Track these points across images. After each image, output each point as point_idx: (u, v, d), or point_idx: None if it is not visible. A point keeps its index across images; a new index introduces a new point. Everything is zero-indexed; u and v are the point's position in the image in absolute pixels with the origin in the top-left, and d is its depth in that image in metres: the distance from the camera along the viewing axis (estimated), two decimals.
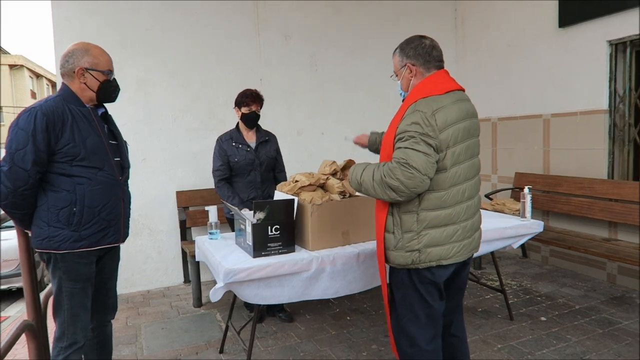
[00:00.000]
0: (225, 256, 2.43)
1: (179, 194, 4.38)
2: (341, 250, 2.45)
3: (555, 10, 4.36)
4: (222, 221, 3.30)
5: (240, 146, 3.32)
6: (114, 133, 2.23)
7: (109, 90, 2.14)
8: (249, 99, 3.31)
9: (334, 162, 2.75)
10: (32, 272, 2.22)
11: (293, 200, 2.43)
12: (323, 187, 2.68)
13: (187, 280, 4.44)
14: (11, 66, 26.16)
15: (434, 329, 1.98)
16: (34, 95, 27.87)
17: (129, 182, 2.31)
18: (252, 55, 4.67)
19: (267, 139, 3.44)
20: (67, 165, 1.98)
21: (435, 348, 1.99)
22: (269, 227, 2.37)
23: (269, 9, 4.69)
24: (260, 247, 2.36)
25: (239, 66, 4.61)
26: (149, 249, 4.36)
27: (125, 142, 2.32)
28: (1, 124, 24.64)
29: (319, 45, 4.95)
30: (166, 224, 4.41)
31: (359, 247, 2.52)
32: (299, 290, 2.33)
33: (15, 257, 6.03)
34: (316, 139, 4.98)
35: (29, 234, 2.11)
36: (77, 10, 3.98)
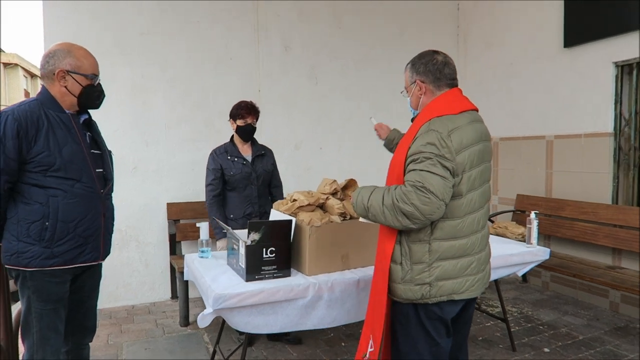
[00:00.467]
0: (216, 278, 2.27)
1: (169, 205, 4.21)
2: (340, 276, 2.30)
3: (560, 30, 4.28)
4: (213, 236, 3.15)
5: (236, 159, 3.18)
6: (97, 142, 2.07)
7: (92, 95, 1.98)
8: (244, 111, 3.17)
9: (335, 181, 2.60)
10: (3, 289, 2.05)
11: (290, 221, 2.28)
12: (322, 207, 2.53)
13: (174, 296, 4.25)
14: (5, 64, 25.87)
15: None
16: (27, 94, 27.54)
17: (114, 195, 2.15)
18: (251, 65, 4.54)
19: (263, 153, 3.30)
20: (41, 176, 1.82)
21: None
22: (263, 249, 2.21)
23: (269, 18, 4.58)
24: (253, 270, 2.20)
25: (237, 76, 4.48)
26: (135, 262, 4.17)
27: (110, 152, 2.16)
28: None
29: (319, 57, 4.83)
30: (155, 237, 4.23)
31: (358, 272, 2.37)
32: (294, 319, 2.17)
33: None
34: (315, 153, 4.85)
35: None
36: (70, 10, 3.83)
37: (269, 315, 2.14)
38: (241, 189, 3.20)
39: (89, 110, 2.10)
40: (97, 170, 1.99)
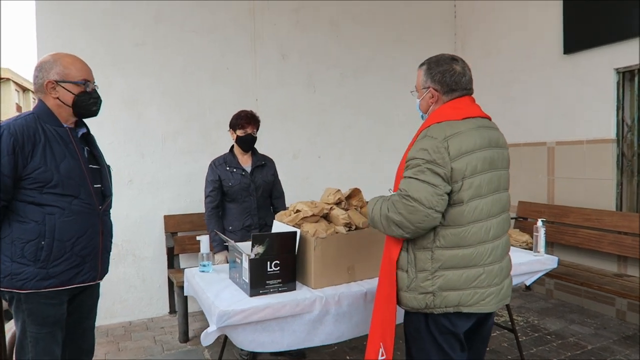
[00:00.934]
0: (218, 293, 2.18)
1: (167, 218, 4.11)
2: (347, 289, 2.22)
3: (559, 37, 4.26)
4: (211, 249, 3.06)
5: (234, 170, 3.10)
6: (95, 156, 1.99)
7: (86, 103, 1.88)
8: (244, 121, 3.11)
9: (339, 191, 2.54)
10: None
11: (295, 233, 2.20)
12: (326, 217, 2.46)
13: (172, 311, 4.14)
14: None
15: None
16: (19, 109, 27.34)
17: (112, 211, 2.07)
18: (248, 74, 4.48)
19: (263, 163, 3.23)
20: (37, 193, 1.73)
21: None
22: (268, 263, 2.13)
23: (266, 27, 4.53)
24: (257, 285, 2.12)
25: (234, 85, 4.41)
26: (132, 277, 4.06)
27: (109, 167, 2.07)
28: None
29: (317, 65, 4.78)
30: (152, 250, 4.12)
31: (365, 285, 2.29)
32: (301, 335, 2.08)
33: None
34: (313, 162, 4.78)
35: None
36: (63, 22, 3.75)
37: (275, 332, 2.06)
38: (240, 201, 3.12)
39: (88, 122, 2.02)
40: (95, 186, 1.90)
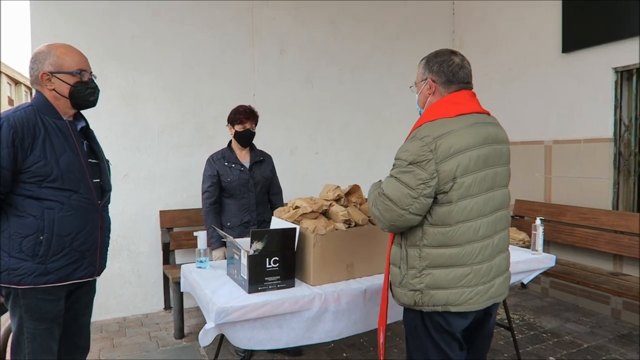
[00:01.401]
0: (216, 290, 2.16)
1: (162, 213, 4.08)
2: (346, 286, 2.20)
3: (558, 35, 4.26)
4: (209, 245, 3.04)
5: (233, 166, 3.07)
6: (94, 150, 1.95)
7: (83, 93, 1.84)
8: (242, 116, 3.07)
9: (338, 187, 2.52)
10: None
11: (295, 229, 2.18)
12: (325, 214, 2.44)
13: (167, 307, 4.11)
14: None
15: None
16: (11, 102, 27.02)
17: (109, 206, 2.04)
18: (246, 69, 4.44)
19: (262, 159, 3.20)
20: (36, 187, 1.70)
21: None
22: (267, 259, 2.11)
23: (264, 22, 4.49)
24: (256, 281, 2.10)
25: (231, 80, 4.37)
26: (127, 273, 4.03)
27: (108, 161, 2.04)
28: None
29: (315, 61, 4.75)
30: (147, 246, 4.09)
31: (364, 282, 2.28)
32: (299, 332, 2.07)
33: None
34: (310, 159, 4.76)
35: None
36: (58, 14, 3.70)
37: (274, 329, 2.04)
38: (238, 196, 3.10)
39: (84, 115, 1.99)
40: (94, 181, 1.87)
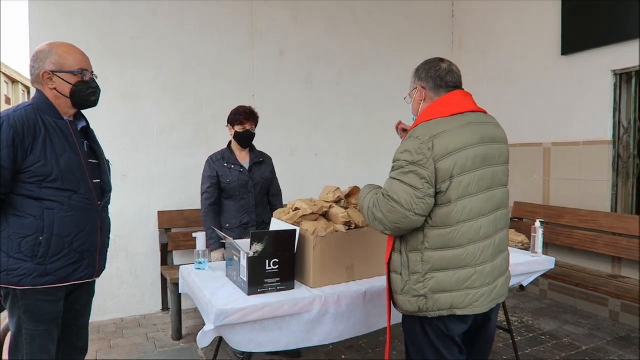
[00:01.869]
0: (215, 292, 2.15)
1: (160, 214, 4.06)
2: (346, 289, 2.20)
3: (558, 38, 4.27)
4: (207, 247, 3.02)
5: (232, 167, 3.06)
6: (95, 151, 1.94)
7: (84, 92, 1.83)
8: (242, 117, 3.06)
9: (338, 189, 2.51)
10: None
11: (295, 231, 2.17)
12: (325, 215, 2.43)
13: (165, 308, 4.10)
14: None
15: None
16: (8, 101, 26.98)
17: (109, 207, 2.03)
18: (246, 70, 4.44)
19: (261, 160, 3.19)
20: (36, 187, 1.69)
21: None
22: (266, 261, 2.10)
23: (264, 22, 4.48)
24: (256, 283, 2.09)
25: (231, 80, 4.36)
26: (124, 273, 4.01)
27: (108, 162, 2.03)
28: None
29: (315, 61, 4.75)
30: (145, 246, 4.07)
31: (364, 284, 2.27)
32: (299, 335, 2.06)
33: None
34: (310, 160, 4.75)
35: None
36: (57, 13, 3.68)
37: (273, 332, 2.03)
38: (238, 198, 3.08)
39: (85, 115, 1.98)
40: (94, 181, 1.86)
